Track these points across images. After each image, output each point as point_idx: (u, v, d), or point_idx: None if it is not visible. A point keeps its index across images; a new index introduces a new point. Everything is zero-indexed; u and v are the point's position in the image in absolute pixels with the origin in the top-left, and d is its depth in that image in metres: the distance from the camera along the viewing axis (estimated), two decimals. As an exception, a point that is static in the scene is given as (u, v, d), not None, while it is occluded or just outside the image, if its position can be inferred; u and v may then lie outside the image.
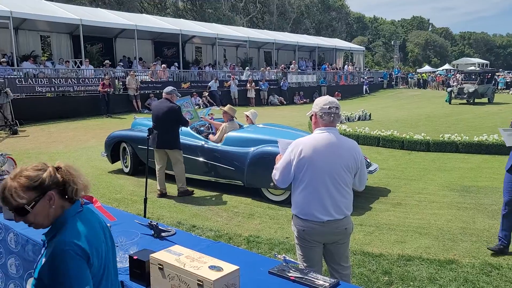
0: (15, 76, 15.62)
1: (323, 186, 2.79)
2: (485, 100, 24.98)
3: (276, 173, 2.93)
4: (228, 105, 7.64)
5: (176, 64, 23.01)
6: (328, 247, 2.93)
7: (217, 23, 31.37)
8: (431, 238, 5.07)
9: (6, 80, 13.32)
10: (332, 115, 2.86)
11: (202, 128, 7.96)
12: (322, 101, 2.90)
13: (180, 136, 6.77)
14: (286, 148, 2.95)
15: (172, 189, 7.08)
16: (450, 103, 24.36)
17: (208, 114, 8.60)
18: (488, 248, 4.68)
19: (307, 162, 2.79)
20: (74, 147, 10.97)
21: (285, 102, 24.87)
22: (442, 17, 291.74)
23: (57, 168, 1.78)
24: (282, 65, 29.04)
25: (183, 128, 7.03)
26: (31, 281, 3.20)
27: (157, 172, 6.79)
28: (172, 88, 6.90)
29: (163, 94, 6.79)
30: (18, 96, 14.69)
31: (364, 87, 32.91)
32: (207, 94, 20.80)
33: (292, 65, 29.00)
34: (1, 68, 15.86)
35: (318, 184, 2.79)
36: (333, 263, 2.97)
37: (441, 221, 5.68)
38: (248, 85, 23.39)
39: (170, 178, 7.26)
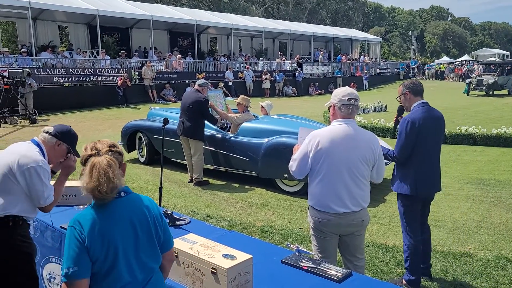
0: (33, 66, 15.87)
1: (340, 178, 2.79)
2: (504, 91, 24.45)
3: (293, 165, 2.93)
4: (241, 96, 7.64)
5: (190, 54, 23.05)
6: (344, 239, 2.93)
7: (232, 13, 31.27)
8: (445, 231, 5.03)
9: (25, 70, 13.51)
10: (351, 106, 2.84)
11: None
12: (341, 92, 2.88)
13: None
14: (306, 136, 2.93)
15: (187, 178, 7.16)
16: (468, 95, 23.92)
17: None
18: None
19: (324, 154, 2.78)
20: (91, 136, 11.14)
21: (296, 93, 24.74)
22: (462, 7, 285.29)
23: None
24: (297, 56, 28.85)
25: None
26: (48, 266, 3.29)
27: (186, 159, 7.06)
28: (205, 81, 7.14)
29: (195, 85, 7.04)
30: (37, 86, 14.94)
31: (364, 81, 29.87)
32: (222, 85, 20.72)
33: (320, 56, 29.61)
34: (21, 58, 16.14)
35: (335, 176, 2.79)
36: (348, 254, 2.98)
37: (457, 214, 5.62)
38: (263, 76, 23.32)
39: (183, 167, 7.33)
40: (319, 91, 26.12)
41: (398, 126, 3.82)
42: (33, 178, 2.63)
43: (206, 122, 6.89)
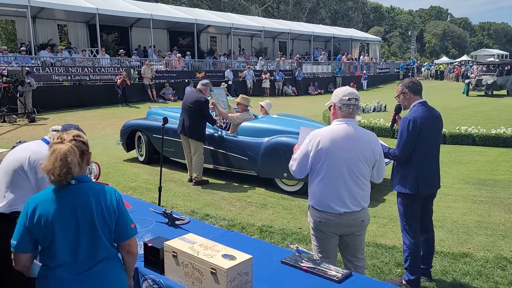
0: (32, 65, 15.84)
1: (340, 178, 2.78)
2: (504, 92, 24.45)
3: (293, 164, 2.92)
4: (241, 95, 7.62)
5: (188, 53, 23.01)
6: (344, 239, 2.92)
7: (232, 13, 31.23)
8: (445, 231, 5.03)
9: (24, 69, 13.49)
10: (352, 106, 2.83)
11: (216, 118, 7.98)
12: (342, 92, 2.87)
13: None
14: (307, 136, 2.93)
15: (186, 177, 7.15)
16: (467, 95, 23.92)
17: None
18: None
19: (324, 153, 2.78)
20: (90, 135, 11.11)
21: (296, 93, 24.72)
22: (462, 7, 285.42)
23: None
24: (297, 55, 28.83)
25: None
26: None
27: (186, 158, 7.04)
28: (208, 81, 7.13)
29: (198, 84, 7.02)
30: (36, 84, 14.91)
31: (363, 81, 29.42)
32: (226, 85, 20.54)
33: (321, 55, 29.60)
34: (20, 57, 16.11)
35: (335, 175, 2.78)
36: (348, 254, 2.97)
37: (456, 214, 5.62)
38: (263, 75, 23.31)
39: (183, 167, 7.32)
40: (319, 91, 26.11)
41: (394, 124, 3.83)
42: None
43: None
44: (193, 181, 6.92)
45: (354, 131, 2.82)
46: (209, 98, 7.00)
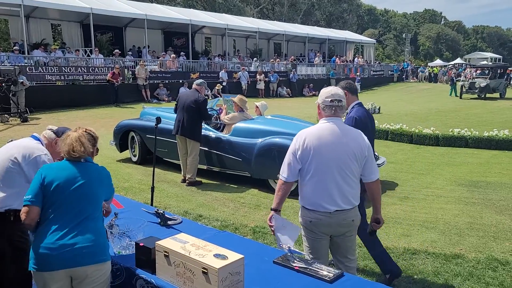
0: (25, 64, 15.72)
1: (330, 176, 2.78)
2: (496, 95, 24.65)
3: (283, 169, 2.90)
4: (238, 95, 7.60)
5: (182, 53, 22.96)
6: (335, 240, 2.93)
7: (227, 14, 31.21)
8: (437, 233, 5.05)
9: (17, 68, 13.40)
10: (334, 107, 2.85)
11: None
12: (325, 93, 2.90)
13: None
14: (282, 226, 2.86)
15: (179, 178, 7.13)
16: (461, 98, 24.09)
17: (216, 105, 8.60)
18: None
19: (312, 151, 2.78)
20: (83, 135, 11.04)
21: (290, 94, 24.75)
22: (456, 10, 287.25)
23: None
24: (292, 57, 28.87)
25: None
26: None
27: (180, 159, 7.01)
28: (203, 80, 7.16)
29: (193, 84, 7.02)
30: (29, 84, 14.81)
31: (356, 84, 30.51)
32: (221, 87, 20.31)
33: (317, 58, 29.71)
34: (13, 56, 15.99)
35: (324, 173, 2.79)
36: (339, 255, 2.97)
37: (448, 215, 5.65)
38: (258, 76, 23.31)
39: (176, 167, 7.30)
40: (313, 92, 26.14)
41: None
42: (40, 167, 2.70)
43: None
44: (187, 181, 6.90)
45: (340, 129, 2.83)
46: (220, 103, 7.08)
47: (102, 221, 2.60)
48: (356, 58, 34.16)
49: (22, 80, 13.15)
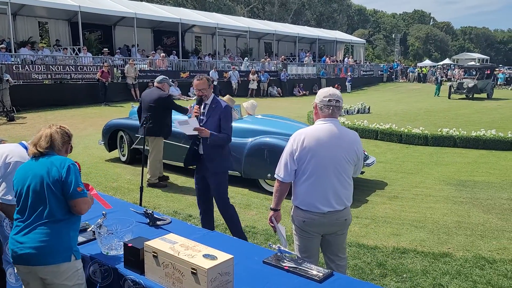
0: (12, 63, 15.50)
1: (326, 177, 2.79)
2: (484, 95, 24.96)
3: (280, 169, 2.87)
4: (227, 95, 7.58)
5: (174, 52, 22.83)
6: (327, 238, 2.93)
7: (217, 13, 31.14)
8: (426, 231, 5.09)
9: (3, 66, 13.21)
10: (331, 107, 2.85)
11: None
12: (323, 93, 2.89)
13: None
14: None
15: (172, 178, 7.09)
16: (449, 98, 24.34)
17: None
18: None
19: (310, 152, 2.78)
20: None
21: (281, 94, 24.77)
22: (445, 11, 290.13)
23: None
24: (282, 56, 28.91)
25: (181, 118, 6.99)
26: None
27: (162, 159, 6.90)
28: (163, 76, 6.89)
29: (154, 83, 6.83)
30: (15, 82, 14.61)
31: (347, 84, 28.99)
32: (216, 83, 20.23)
33: (307, 58, 29.80)
34: (-1, 54, 15.77)
35: (321, 174, 2.79)
36: (330, 253, 2.98)
37: (437, 214, 5.70)
38: (251, 76, 23.25)
39: (170, 168, 7.25)
40: (304, 92, 26.22)
41: None
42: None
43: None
44: (147, 182, 6.63)
45: (338, 130, 2.84)
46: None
47: (67, 222, 2.48)
48: (346, 58, 34.32)
49: (7, 78, 12.96)
